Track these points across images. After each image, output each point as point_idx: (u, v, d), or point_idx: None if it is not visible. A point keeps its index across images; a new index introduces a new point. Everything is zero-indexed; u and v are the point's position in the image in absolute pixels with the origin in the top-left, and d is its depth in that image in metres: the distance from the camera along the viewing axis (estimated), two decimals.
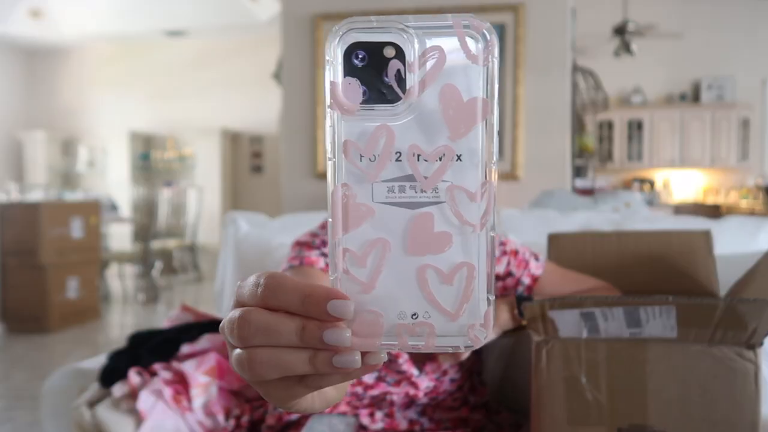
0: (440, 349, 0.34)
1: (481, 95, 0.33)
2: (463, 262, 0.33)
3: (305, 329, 0.32)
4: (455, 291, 0.33)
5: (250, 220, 1.72)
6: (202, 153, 7.27)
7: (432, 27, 0.33)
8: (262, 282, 0.34)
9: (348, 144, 0.33)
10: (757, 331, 0.77)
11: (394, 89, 0.33)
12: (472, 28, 0.33)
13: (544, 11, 3.10)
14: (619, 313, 0.80)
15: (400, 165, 0.33)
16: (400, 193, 0.33)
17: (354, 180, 0.33)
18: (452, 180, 0.33)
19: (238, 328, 0.33)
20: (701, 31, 6.85)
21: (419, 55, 0.33)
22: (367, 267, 0.33)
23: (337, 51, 0.33)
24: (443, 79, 0.33)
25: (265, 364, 0.33)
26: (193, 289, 5.89)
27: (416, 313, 0.33)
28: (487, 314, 0.33)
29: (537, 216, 1.65)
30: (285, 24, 3.36)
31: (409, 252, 0.33)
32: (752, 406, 0.79)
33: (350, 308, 0.32)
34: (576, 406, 0.84)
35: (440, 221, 0.33)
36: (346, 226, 0.33)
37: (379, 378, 1.04)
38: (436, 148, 0.33)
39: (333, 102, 0.33)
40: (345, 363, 0.32)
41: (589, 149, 5.12)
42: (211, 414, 1.21)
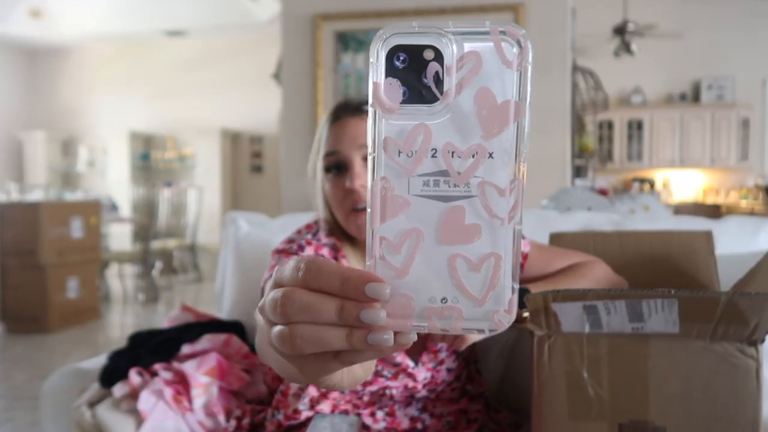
0: (466, 331, 0.36)
1: (513, 98, 0.35)
2: (490, 253, 0.36)
3: (344, 308, 0.35)
4: (482, 279, 0.36)
5: (250, 220, 1.71)
6: (202, 153, 7.27)
7: (470, 32, 0.35)
8: (302, 266, 0.36)
9: (388, 140, 0.36)
10: (759, 327, 0.77)
11: (432, 90, 0.35)
12: (508, 34, 0.35)
13: (544, 11, 3.10)
14: (622, 306, 0.80)
15: (435, 161, 0.35)
16: (434, 187, 0.36)
17: (392, 174, 0.36)
18: (484, 176, 0.35)
19: (281, 306, 0.36)
20: (701, 31, 6.85)
21: (457, 59, 0.35)
22: (401, 254, 0.36)
23: (381, 53, 0.35)
24: (479, 82, 0.35)
25: (306, 339, 0.36)
26: (193, 289, 5.89)
27: (445, 297, 0.36)
28: (512, 301, 0.36)
29: (537, 216, 1.65)
30: (285, 24, 3.36)
31: (441, 241, 0.36)
32: (753, 403, 0.79)
33: (386, 290, 0.35)
34: (577, 401, 0.84)
35: (471, 214, 0.36)
36: (383, 216, 0.36)
37: (376, 373, 1.04)
38: (469, 146, 0.35)
39: (375, 101, 0.35)
40: (379, 341, 0.35)
41: (589, 149, 5.12)
42: (212, 414, 1.21)
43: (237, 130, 7.44)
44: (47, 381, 1.36)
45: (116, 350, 1.38)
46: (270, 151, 7.38)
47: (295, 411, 1.07)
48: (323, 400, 1.07)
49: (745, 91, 6.90)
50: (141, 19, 6.79)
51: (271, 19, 6.31)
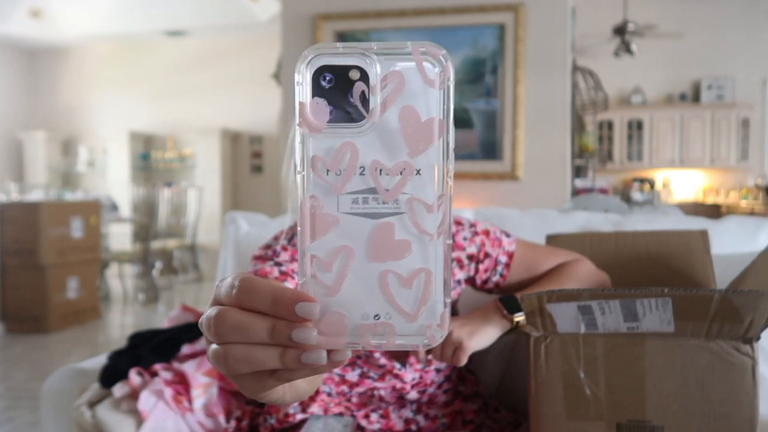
0: (400, 347, 0.36)
1: (438, 116, 0.36)
2: (421, 268, 0.36)
3: (275, 328, 0.35)
4: (414, 294, 0.36)
5: (250, 220, 1.72)
6: (202, 153, 7.27)
7: (393, 53, 0.36)
8: (237, 284, 0.36)
9: (316, 159, 0.36)
10: (753, 324, 0.77)
11: (358, 109, 0.36)
12: (430, 54, 0.36)
13: (544, 11, 3.10)
14: (616, 306, 0.80)
15: (363, 179, 0.36)
16: (363, 204, 0.36)
17: (321, 192, 0.36)
18: (412, 192, 0.36)
19: (214, 326, 0.36)
20: (701, 31, 6.85)
21: (381, 79, 0.36)
22: (332, 272, 0.36)
23: (306, 73, 0.36)
24: (403, 100, 0.36)
25: (239, 360, 0.36)
26: (193, 289, 5.89)
27: (378, 314, 0.36)
28: (444, 315, 0.36)
29: (537, 216, 1.65)
30: (285, 24, 3.36)
31: (372, 258, 0.36)
32: (750, 401, 0.80)
33: (316, 310, 0.35)
34: (574, 402, 0.84)
35: (400, 230, 0.36)
36: (313, 235, 0.36)
37: (362, 375, 1.05)
38: (396, 163, 0.36)
39: (302, 120, 0.36)
40: (312, 359, 0.35)
41: (589, 149, 5.12)
42: (212, 415, 1.21)
43: (237, 130, 7.44)
44: (47, 381, 1.36)
45: (116, 350, 1.38)
46: (270, 151, 7.38)
47: (287, 414, 1.07)
48: (313, 403, 1.07)
49: (745, 91, 6.90)
50: (141, 19, 6.79)
51: (271, 19, 6.31)
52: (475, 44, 3.20)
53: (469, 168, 3.23)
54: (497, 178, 3.20)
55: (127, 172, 7.36)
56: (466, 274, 1.08)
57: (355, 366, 1.05)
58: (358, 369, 1.05)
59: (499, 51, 3.16)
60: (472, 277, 1.08)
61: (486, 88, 3.20)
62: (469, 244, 1.07)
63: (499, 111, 3.18)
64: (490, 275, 1.08)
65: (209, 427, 1.21)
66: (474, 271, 1.08)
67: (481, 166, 3.23)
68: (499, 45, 3.16)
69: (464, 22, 3.19)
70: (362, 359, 1.05)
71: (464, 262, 1.07)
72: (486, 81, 3.20)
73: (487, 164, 3.21)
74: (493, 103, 3.19)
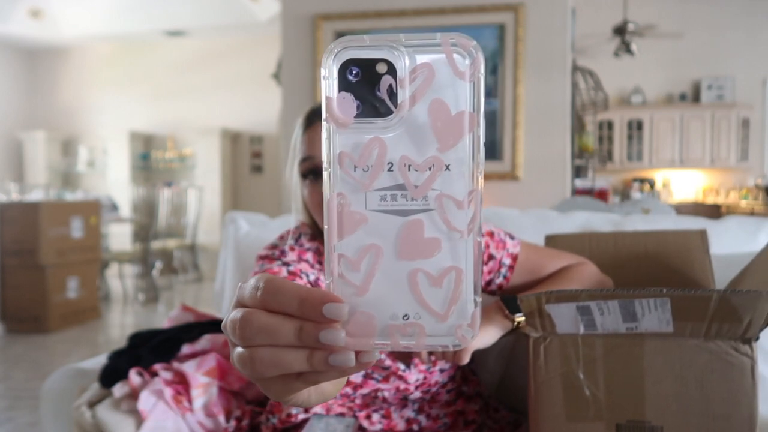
0: (430, 347, 0.35)
1: (467, 109, 0.35)
2: (451, 266, 0.35)
3: (303, 330, 0.34)
4: (444, 293, 0.35)
5: (250, 220, 1.72)
6: (202, 153, 7.27)
7: (421, 45, 0.35)
8: (261, 285, 0.36)
9: (343, 155, 0.35)
10: (752, 324, 0.77)
11: (386, 103, 0.35)
12: (460, 46, 0.35)
13: (544, 11, 3.10)
14: (615, 306, 0.80)
15: (392, 175, 0.35)
16: (392, 201, 0.35)
17: (348, 189, 0.35)
18: (441, 189, 0.35)
19: (240, 329, 0.35)
20: (701, 31, 6.85)
21: (409, 72, 0.35)
22: (360, 271, 0.35)
23: (333, 67, 0.35)
24: (432, 94, 0.35)
25: (266, 363, 0.35)
26: (193, 289, 5.89)
27: (407, 314, 0.35)
28: (474, 315, 0.35)
29: (537, 216, 1.65)
30: (285, 24, 3.36)
31: (401, 257, 0.35)
32: (749, 401, 0.80)
33: (344, 311, 0.34)
34: (574, 403, 0.84)
35: (430, 228, 0.35)
36: (341, 233, 0.35)
37: (366, 376, 1.05)
38: (425, 158, 0.35)
39: (329, 116, 0.35)
40: (340, 362, 0.34)
41: (589, 149, 5.12)
42: (212, 415, 1.22)
43: (237, 130, 7.44)
44: (47, 381, 1.36)
45: (116, 350, 1.38)
46: (270, 151, 7.38)
47: (289, 415, 1.07)
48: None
49: (745, 91, 6.90)
50: (141, 19, 6.79)
51: (271, 19, 6.31)
52: None
53: None
54: (497, 178, 3.20)
55: (127, 172, 7.36)
56: None
57: None
58: (378, 356, 1.05)
59: (499, 51, 3.16)
60: None
61: (486, 88, 3.20)
62: None
63: (499, 111, 3.18)
64: (494, 277, 1.07)
65: (209, 427, 1.21)
66: None
67: None
68: (499, 45, 3.16)
69: (464, 22, 3.19)
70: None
71: None
72: (486, 81, 3.20)
73: (487, 164, 3.21)
74: (493, 103, 3.19)
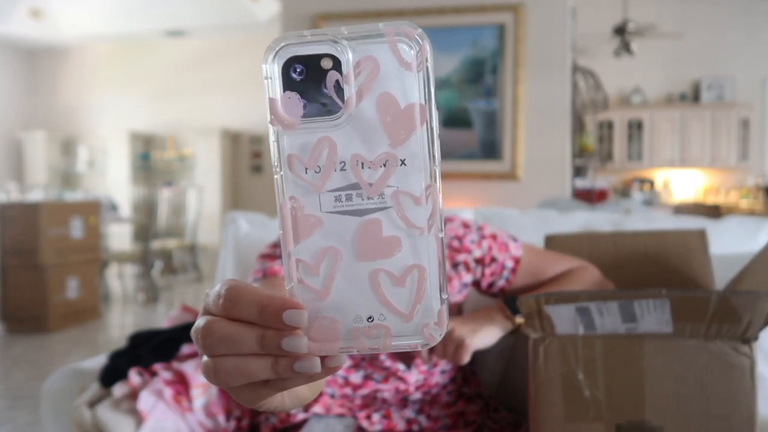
0: (397, 348, 0.35)
1: (418, 101, 0.33)
2: (413, 265, 0.34)
3: (264, 338, 0.34)
4: (408, 292, 0.34)
5: (250, 220, 1.72)
6: (202, 153, 7.27)
7: (364, 36, 0.33)
8: (223, 293, 0.35)
9: (292, 158, 0.34)
10: (752, 325, 0.78)
11: (333, 100, 0.33)
12: (404, 35, 0.33)
13: (544, 11, 3.10)
14: (614, 307, 0.80)
15: (344, 174, 0.34)
16: (347, 201, 0.34)
17: (301, 192, 0.34)
18: (397, 185, 0.34)
19: (202, 338, 0.35)
20: (701, 31, 6.85)
21: (354, 66, 0.33)
22: (320, 275, 0.34)
23: (274, 66, 0.34)
24: (379, 87, 0.33)
25: (230, 372, 0.34)
26: (193, 289, 5.89)
27: (371, 316, 0.34)
28: (441, 313, 0.34)
29: (537, 216, 1.65)
30: (285, 24, 3.36)
31: (360, 258, 0.34)
32: (748, 401, 0.80)
33: (304, 317, 0.33)
34: (574, 403, 0.84)
35: (388, 226, 0.34)
36: (297, 237, 0.34)
37: (366, 377, 1.05)
38: (378, 155, 0.34)
39: (274, 118, 0.34)
40: (305, 368, 0.34)
41: (589, 149, 5.12)
42: (212, 414, 1.22)
43: (237, 130, 7.44)
44: (47, 381, 1.36)
45: (116, 350, 1.38)
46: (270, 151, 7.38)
47: (288, 414, 1.07)
48: (315, 403, 1.07)
49: (745, 91, 6.90)
50: (141, 19, 6.79)
51: (271, 19, 6.31)
52: (475, 44, 3.20)
53: (469, 168, 3.23)
54: (497, 178, 3.20)
55: (127, 172, 7.36)
56: (473, 277, 1.07)
57: (359, 368, 1.05)
58: (362, 371, 1.05)
59: (499, 51, 3.16)
60: (477, 280, 1.08)
61: (486, 88, 3.20)
62: (476, 248, 1.06)
63: (499, 111, 3.18)
64: (496, 279, 1.07)
65: (209, 426, 1.21)
66: (480, 275, 1.07)
67: (481, 166, 3.23)
68: (499, 45, 3.16)
69: (464, 22, 3.19)
70: (366, 361, 1.05)
71: (471, 266, 1.06)
72: (486, 81, 3.20)
73: (487, 164, 3.21)
74: (493, 103, 3.19)
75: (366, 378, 1.05)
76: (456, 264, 1.06)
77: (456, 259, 1.06)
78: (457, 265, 1.06)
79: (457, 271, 1.06)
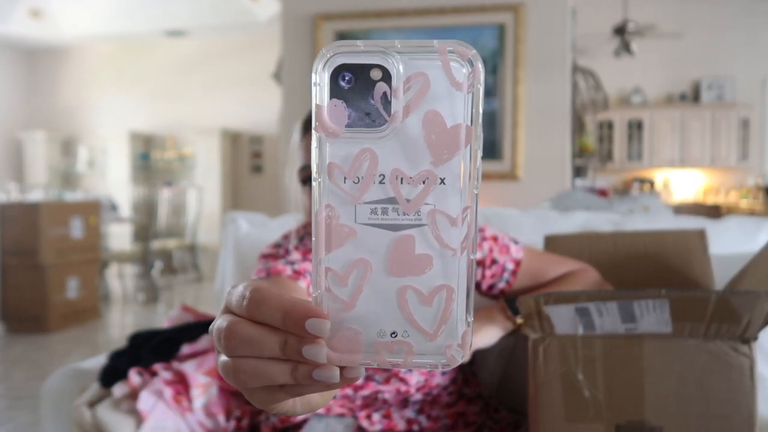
0: (418, 366, 0.34)
1: (464, 122, 0.33)
2: (442, 285, 0.34)
3: (286, 344, 0.34)
4: (434, 312, 0.34)
5: (250, 220, 1.72)
6: (202, 153, 7.27)
7: (417, 52, 0.33)
8: (248, 295, 0.35)
9: (332, 166, 0.34)
10: (751, 325, 0.78)
11: (380, 112, 0.33)
12: (458, 54, 0.33)
13: (544, 11, 3.10)
14: (614, 307, 0.80)
15: (383, 187, 0.34)
16: (382, 215, 0.34)
17: (338, 201, 0.34)
18: (434, 204, 0.34)
19: (225, 339, 0.35)
20: (701, 31, 6.85)
21: (404, 80, 0.33)
22: (348, 286, 0.34)
23: (324, 73, 0.34)
24: (427, 104, 0.33)
25: (249, 374, 0.35)
26: (193, 289, 5.89)
27: (395, 331, 0.34)
28: (465, 335, 0.34)
29: (537, 216, 1.65)
30: (285, 24, 3.36)
31: (390, 273, 0.34)
32: (748, 401, 0.80)
33: (326, 327, 0.33)
34: (573, 403, 0.84)
35: (421, 244, 0.34)
36: (329, 246, 0.34)
37: (367, 377, 1.05)
38: (418, 172, 0.33)
39: (318, 124, 0.34)
40: (324, 377, 0.34)
41: (589, 149, 5.12)
42: (212, 414, 1.22)
43: (237, 130, 7.44)
44: (47, 381, 1.36)
45: (116, 350, 1.38)
46: (270, 151, 7.38)
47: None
48: None
49: (745, 91, 6.90)
50: (141, 19, 6.79)
51: (271, 19, 6.31)
52: (475, 44, 3.20)
53: None
54: (497, 178, 3.20)
55: (127, 172, 7.36)
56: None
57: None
58: (364, 372, 1.05)
59: (499, 51, 3.17)
60: (478, 282, 1.08)
61: (486, 88, 3.20)
62: (477, 250, 1.06)
63: (499, 111, 3.18)
64: (496, 281, 1.07)
65: (209, 426, 1.21)
66: (480, 277, 1.07)
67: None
68: (499, 45, 3.17)
69: (464, 22, 3.19)
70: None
71: None
72: (486, 81, 3.20)
73: (487, 164, 3.21)
74: (493, 103, 3.19)
75: (367, 379, 1.05)
76: None
77: None
78: None
79: None
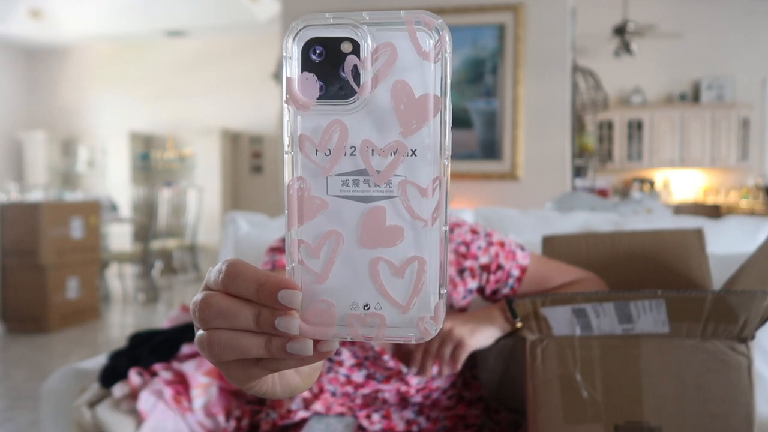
0: (391, 339, 0.34)
1: (432, 92, 0.33)
2: (414, 256, 0.34)
3: (260, 315, 0.34)
4: (406, 284, 0.34)
5: (250, 220, 1.72)
6: (202, 153, 7.27)
7: (384, 23, 0.33)
8: (224, 269, 0.35)
9: (303, 138, 0.34)
10: (748, 324, 0.78)
11: (350, 84, 0.33)
12: (424, 24, 0.33)
13: (544, 11, 3.10)
14: (610, 308, 0.81)
15: (354, 159, 0.34)
16: (353, 186, 0.34)
17: (309, 173, 0.34)
18: (405, 175, 0.33)
19: (200, 311, 0.35)
20: (701, 31, 6.85)
21: (372, 51, 0.33)
22: (320, 258, 0.34)
23: (294, 47, 0.34)
24: (395, 75, 0.33)
25: (223, 346, 0.35)
26: (193, 289, 5.89)
27: (368, 304, 0.34)
28: (438, 307, 0.34)
29: (536, 216, 1.66)
30: (285, 24, 3.36)
31: (362, 244, 0.34)
32: (746, 400, 0.80)
33: (298, 298, 0.34)
34: (572, 404, 0.84)
35: (392, 215, 0.34)
36: (300, 218, 0.34)
37: (368, 376, 1.05)
38: (388, 143, 0.33)
39: (289, 97, 0.34)
40: (297, 350, 0.34)
41: (589, 149, 5.12)
42: (212, 415, 1.22)
43: (237, 130, 7.44)
44: (47, 381, 1.36)
45: (116, 350, 1.38)
46: (270, 151, 7.38)
47: (289, 411, 1.07)
48: (316, 401, 1.07)
49: (745, 91, 6.90)
50: (141, 19, 6.79)
51: (271, 19, 6.31)
52: (475, 44, 3.20)
53: (469, 168, 3.23)
54: (497, 178, 3.20)
55: (127, 172, 7.36)
56: (478, 283, 1.07)
57: (362, 367, 1.05)
58: (365, 370, 1.05)
59: (499, 51, 3.17)
60: (482, 287, 1.08)
61: (486, 88, 3.21)
62: (483, 254, 1.06)
63: (499, 111, 3.18)
64: (501, 287, 1.07)
65: (209, 427, 1.21)
66: (485, 282, 1.07)
67: (481, 166, 3.23)
68: (499, 45, 3.17)
69: (464, 22, 3.19)
70: (369, 361, 1.05)
71: (477, 272, 1.06)
72: (486, 81, 3.20)
73: (487, 164, 3.21)
74: (493, 103, 3.19)
75: (368, 377, 1.05)
76: (462, 270, 1.05)
77: (462, 264, 1.05)
78: (462, 271, 1.05)
79: (462, 277, 1.05)
